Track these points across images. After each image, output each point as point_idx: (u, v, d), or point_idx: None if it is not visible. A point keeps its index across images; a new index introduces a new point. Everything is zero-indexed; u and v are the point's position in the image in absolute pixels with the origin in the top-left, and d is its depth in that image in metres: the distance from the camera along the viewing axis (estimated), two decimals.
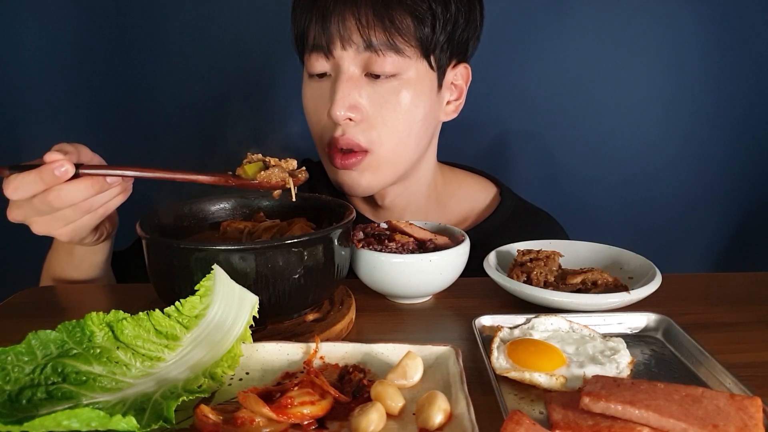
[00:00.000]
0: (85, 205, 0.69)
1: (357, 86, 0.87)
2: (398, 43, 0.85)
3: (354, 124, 0.89)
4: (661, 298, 0.70)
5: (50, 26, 1.32)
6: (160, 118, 1.39)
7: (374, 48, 0.85)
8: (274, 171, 0.72)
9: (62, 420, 0.42)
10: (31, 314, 0.76)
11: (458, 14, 0.89)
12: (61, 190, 0.66)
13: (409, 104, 0.89)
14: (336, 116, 0.87)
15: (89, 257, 0.86)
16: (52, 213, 0.69)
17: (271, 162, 0.74)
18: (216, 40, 1.34)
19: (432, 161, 1.04)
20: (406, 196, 1.03)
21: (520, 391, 0.54)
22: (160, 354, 0.53)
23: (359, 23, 0.84)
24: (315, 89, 0.93)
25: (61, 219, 0.70)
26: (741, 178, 1.45)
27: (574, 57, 1.37)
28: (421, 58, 0.88)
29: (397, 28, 0.84)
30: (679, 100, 1.40)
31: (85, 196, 0.68)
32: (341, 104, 0.86)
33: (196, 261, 0.59)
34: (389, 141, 0.91)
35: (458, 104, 0.99)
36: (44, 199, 0.66)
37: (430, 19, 0.86)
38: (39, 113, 1.35)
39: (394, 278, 0.72)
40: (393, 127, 0.90)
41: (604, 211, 1.46)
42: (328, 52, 0.87)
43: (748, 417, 0.45)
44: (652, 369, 0.59)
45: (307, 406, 0.47)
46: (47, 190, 0.66)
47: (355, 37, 0.85)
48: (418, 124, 0.92)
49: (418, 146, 0.95)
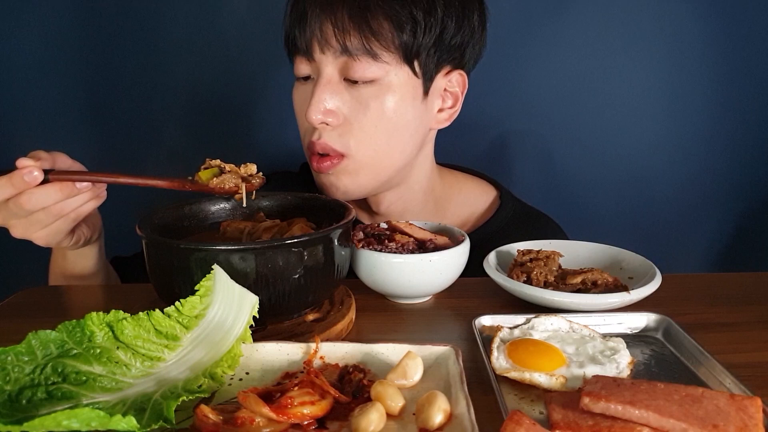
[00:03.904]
0: (55, 209, 0.72)
1: (335, 91, 0.86)
2: (375, 48, 0.83)
3: (331, 129, 0.88)
4: (661, 298, 0.70)
5: (48, 27, 1.32)
6: (157, 119, 1.39)
7: (350, 53, 0.84)
8: (227, 177, 0.75)
9: (62, 420, 0.42)
10: (31, 314, 0.76)
11: (447, 19, 0.86)
12: (32, 194, 0.70)
13: (389, 111, 0.87)
14: (311, 120, 0.86)
15: (80, 261, 0.89)
16: (27, 216, 0.73)
17: (226, 168, 0.76)
18: (214, 42, 1.34)
19: (426, 167, 1.02)
20: (402, 203, 1.02)
21: (520, 391, 0.54)
22: (160, 354, 0.53)
23: (335, 27, 0.83)
24: (300, 92, 0.92)
25: (36, 222, 0.74)
26: (741, 178, 1.45)
27: (573, 57, 1.37)
28: (402, 63, 0.86)
29: (373, 32, 0.83)
30: (679, 101, 1.40)
31: (55, 200, 0.71)
32: (316, 109, 0.85)
33: (196, 261, 0.59)
34: (366, 147, 0.89)
35: (452, 112, 0.96)
36: (17, 201, 0.70)
37: (411, 24, 0.84)
38: (33, 115, 1.35)
39: (394, 278, 0.72)
40: (370, 133, 0.88)
41: (604, 211, 1.46)
42: (309, 56, 0.87)
43: (748, 417, 0.45)
44: (652, 369, 0.59)
45: (307, 406, 0.47)
46: (19, 194, 0.70)
47: (332, 41, 0.84)
48: (401, 131, 0.90)
49: (403, 153, 0.93)
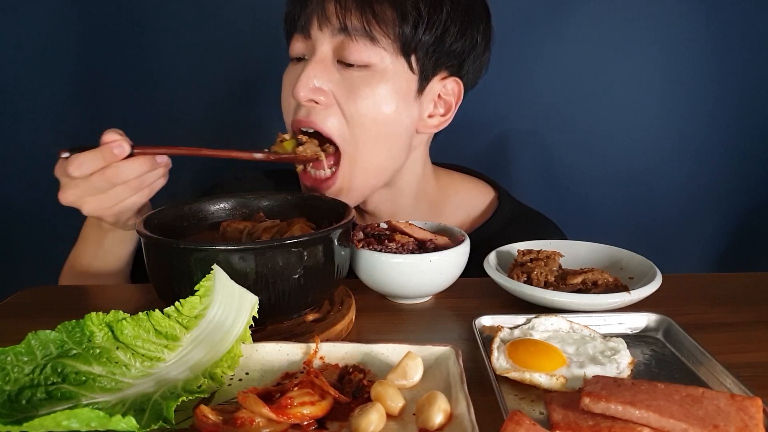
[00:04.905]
0: (136, 182, 0.76)
1: (326, 70, 0.85)
2: (374, 32, 0.83)
3: (321, 108, 0.86)
4: (661, 298, 0.70)
5: (48, 23, 1.32)
6: (161, 114, 1.39)
7: (348, 32, 0.83)
8: (308, 146, 0.85)
9: (62, 420, 0.42)
10: (31, 314, 0.76)
11: (450, 22, 0.86)
12: (119, 167, 0.74)
13: (379, 99, 0.85)
14: (297, 96, 0.84)
15: (117, 248, 0.89)
16: (106, 192, 0.75)
17: (303, 139, 0.86)
18: (216, 40, 1.35)
19: (417, 172, 1.00)
20: (390, 204, 1.00)
21: (521, 391, 0.54)
22: (159, 354, 0.53)
23: (338, 5, 0.83)
24: (291, 71, 0.91)
25: (114, 197, 0.76)
26: (741, 178, 1.45)
27: (573, 57, 1.37)
28: (399, 55, 0.85)
29: (375, 15, 0.82)
30: (679, 100, 1.40)
31: (139, 173, 0.75)
32: (304, 84, 0.83)
33: (196, 261, 0.59)
34: (352, 135, 0.86)
35: (443, 120, 0.94)
36: (102, 175, 0.73)
37: (414, 16, 0.83)
38: (34, 114, 1.35)
39: (394, 278, 0.72)
40: (357, 120, 0.85)
41: (604, 211, 1.46)
42: (306, 32, 0.86)
43: (749, 417, 0.45)
44: (653, 369, 0.58)
45: (307, 407, 0.47)
46: (106, 167, 0.73)
47: (332, 19, 0.83)
48: (389, 124, 0.87)
49: (389, 151, 0.91)
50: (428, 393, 0.48)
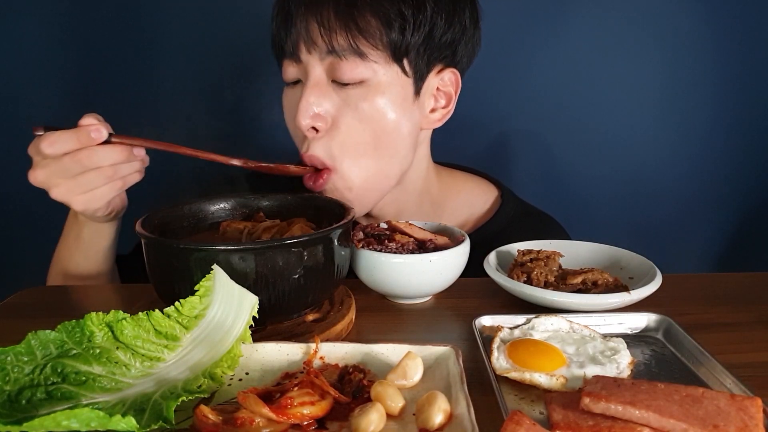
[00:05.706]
0: (109, 171, 0.74)
1: (323, 93, 0.84)
2: (362, 47, 0.81)
3: (319, 137, 0.86)
4: (661, 298, 0.70)
5: (47, 26, 1.32)
6: (161, 115, 1.39)
7: (337, 53, 0.81)
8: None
9: (62, 420, 0.42)
10: (31, 314, 0.76)
11: (436, 16, 0.84)
12: (93, 151, 0.72)
13: (378, 113, 0.85)
14: (300, 125, 0.84)
15: (96, 241, 0.88)
16: (76, 177, 0.73)
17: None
18: (214, 40, 1.35)
19: (422, 169, 1.00)
20: (396, 204, 1.00)
21: (521, 391, 0.54)
22: (159, 354, 0.53)
23: (321, 26, 0.81)
24: (289, 97, 0.90)
25: (84, 184, 0.74)
26: (741, 178, 1.45)
27: (573, 56, 1.37)
28: (391, 62, 0.83)
29: (360, 30, 0.80)
30: (679, 100, 1.40)
31: (113, 161, 0.74)
32: (305, 113, 0.83)
33: (196, 261, 0.59)
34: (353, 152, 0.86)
35: (445, 112, 0.93)
36: (75, 157, 0.72)
37: (399, 22, 0.81)
38: (33, 114, 1.35)
39: (394, 278, 0.72)
40: (358, 136, 0.85)
41: (604, 211, 1.46)
42: (296, 57, 0.85)
43: (749, 417, 0.45)
44: (653, 369, 0.58)
45: (307, 407, 0.47)
46: (80, 149, 0.71)
47: (318, 41, 0.81)
48: (390, 135, 0.87)
49: (394, 158, 0.90)
50: (428, 393, 0.48)
